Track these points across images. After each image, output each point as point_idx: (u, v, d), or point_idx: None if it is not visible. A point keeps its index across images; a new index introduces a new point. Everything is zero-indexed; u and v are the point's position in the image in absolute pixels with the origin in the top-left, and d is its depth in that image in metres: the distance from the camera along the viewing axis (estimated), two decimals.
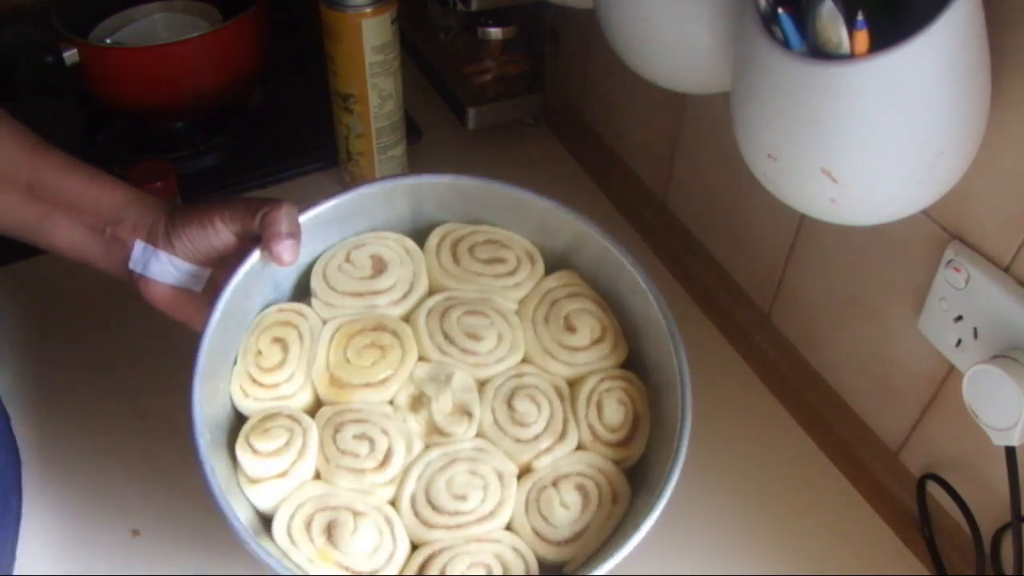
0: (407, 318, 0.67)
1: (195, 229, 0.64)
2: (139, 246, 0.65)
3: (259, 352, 0.64)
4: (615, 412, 0.64)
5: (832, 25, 0.48)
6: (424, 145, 1.09)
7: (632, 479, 0.63)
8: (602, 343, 0.67)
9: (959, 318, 0.62)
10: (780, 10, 0.50)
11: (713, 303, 0.91)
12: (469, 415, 0.63)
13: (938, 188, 0.55)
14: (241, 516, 0.56)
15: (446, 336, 0.65)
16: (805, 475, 0.79)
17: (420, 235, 0.71)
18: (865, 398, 0.76)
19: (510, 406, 0.63)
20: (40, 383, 0.83)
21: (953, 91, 0.50)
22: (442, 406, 0.63)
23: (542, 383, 0.65)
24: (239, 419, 0.63)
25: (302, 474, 0.60)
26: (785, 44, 0.51)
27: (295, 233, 0.63)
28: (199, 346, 0.59)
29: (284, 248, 0.62)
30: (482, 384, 0.65)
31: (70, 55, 0.96)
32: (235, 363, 0.64)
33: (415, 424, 0.63)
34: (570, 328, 0.67)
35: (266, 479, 0.59)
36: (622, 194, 1.03)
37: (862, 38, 0.48)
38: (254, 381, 0.63)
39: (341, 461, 0.60)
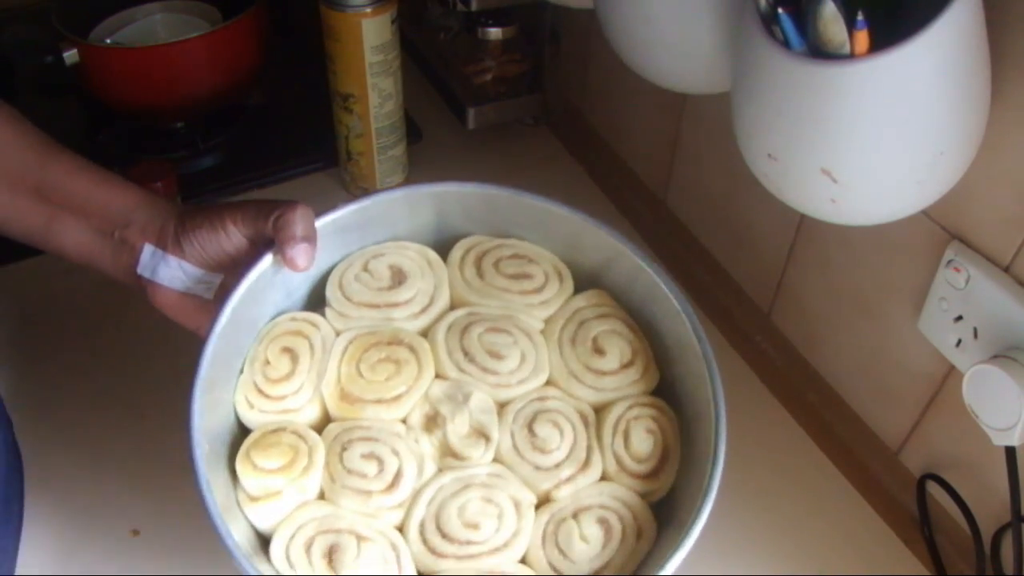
0: (425, 333, 0.64)
1: (206, 232, 0.61)
2: (148, 250, 0.62)
3: (267, 362, 0.61)
4: (643, 441, 0.60)
5: (832, 25, 0.48)
6: (424, 145, 1.09)
7: (659, 513, 0.60)
8: (632, 367, 0.63)
9: (959, 318, 0.62)
10: (780, 10, 0.50)
11: (713, 303, 0.91)
12: (487, 438, 0.59)
13: (938, 188, 0.55)
14: (238, 534, 0.53)
15: (466, 353, 0.62)
16: (805, 475, 0.79)
17: (444, 247, 0.67)
18: (865, 398, 0.76)
19: (531, 431, 0.60)
20: (41, 385, 0.83)
21: (953, 91, 0.50)
22: (458, 427, 0.59)
23: (566, 408, 0.61)
24: (242, 431, 0.60)
25: (305, 494, 0.57)
26: (785, 44, 0.51)
27: (310, 237, 0.60)
28: (202, 353, 0.56)
29: (298, 252, 0.59)
30: (502, 406, 0.61)
31: (70, 55, 0.96)
32: (241, 372, 0.61)
33: (428, 445, 0.59)
34: (598, 351, 0.63)
35: (266, 497, 0.56)
36: (622, 194, 1.03)
37: (862, 38, 0.48)
38: (260, 392, 0.60)
39: (347, 481, 0.57)
